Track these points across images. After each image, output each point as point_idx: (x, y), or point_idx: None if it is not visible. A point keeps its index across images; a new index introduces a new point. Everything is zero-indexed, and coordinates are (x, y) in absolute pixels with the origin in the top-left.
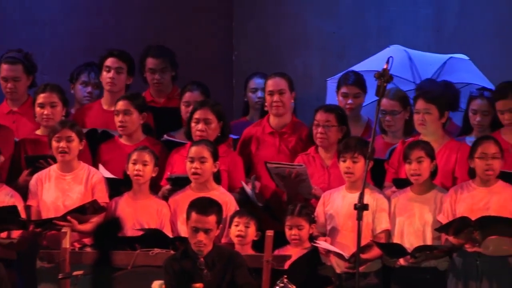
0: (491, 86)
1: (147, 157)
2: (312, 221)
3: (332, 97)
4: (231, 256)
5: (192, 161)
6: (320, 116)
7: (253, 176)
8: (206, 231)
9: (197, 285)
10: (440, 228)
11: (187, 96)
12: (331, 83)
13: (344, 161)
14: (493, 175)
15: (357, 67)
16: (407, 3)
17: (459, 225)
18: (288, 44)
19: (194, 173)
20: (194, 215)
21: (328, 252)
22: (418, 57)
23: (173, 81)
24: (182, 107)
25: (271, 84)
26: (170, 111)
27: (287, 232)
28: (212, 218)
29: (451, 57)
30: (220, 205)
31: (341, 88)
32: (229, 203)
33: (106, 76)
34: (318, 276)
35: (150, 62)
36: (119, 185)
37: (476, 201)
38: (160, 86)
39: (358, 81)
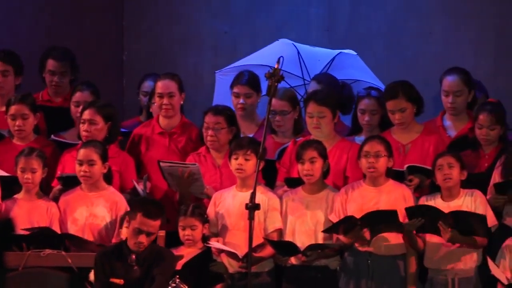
0: (378, 82)
1: (35, 163)
2: (205, 221)
3: (220, 90)
4: (159, 252)
5: (81, 164)
6: (209, 119)
7: (145, 175)
8: (149, 234)
9: (117, 280)
10: (327, 229)
11: (77, 96)
12: (220, 76)
13: (236, 158)
14: (375, 173)
15: (245, 61)
16: (299, 3)
17: (347, 225)
18: (180, 44)
19: (83, 176)
20: (140, 217)
21: (221, 252)
22: (307, 52)
23: (71, 84)
24: (72, 107)
25: (160, 86)
26: (66, 111)
27: (181, 233)
28: (157, 223)
29: (340, 52)
30: (164, 209)
31: (234, 87)
32: (120, 203)
33: None
34: (210, 274)
35: (51, 64)
36: (14, 184)
37: (366, 200)
38: (58, 89)
39: (250, 81)
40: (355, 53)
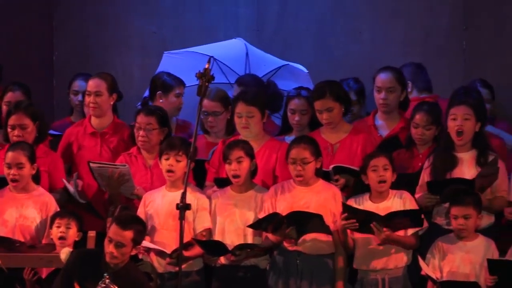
0: None
1: None
2: None
3: (163, 68)
4: (135, 284)
5: (9, 167)
6: (141, 119)
7: (75, 173)
8: (118, 245)
9: None
10: (253, 225)
11: (9, 96)
12: (167, 55)
13: (167, 159)
14: (303, 181)
15: (196, 49)
16: (228, 3)
17: (274, 222)
18: (109, 44)
19: (12, 180)
20: (113, 226)
21: (149, 250)
22: (255, 55)
23: None
24: (4, 107)
25: (89, 84)
26: None
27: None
28: (126, 233)
29: (288, 64)
30: (144, 225)
31: (178, 88)
32: (49, 203)
33: None
34: None
35: None
36: None
37: (296, 200)
38: None
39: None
40: (306, 71)
